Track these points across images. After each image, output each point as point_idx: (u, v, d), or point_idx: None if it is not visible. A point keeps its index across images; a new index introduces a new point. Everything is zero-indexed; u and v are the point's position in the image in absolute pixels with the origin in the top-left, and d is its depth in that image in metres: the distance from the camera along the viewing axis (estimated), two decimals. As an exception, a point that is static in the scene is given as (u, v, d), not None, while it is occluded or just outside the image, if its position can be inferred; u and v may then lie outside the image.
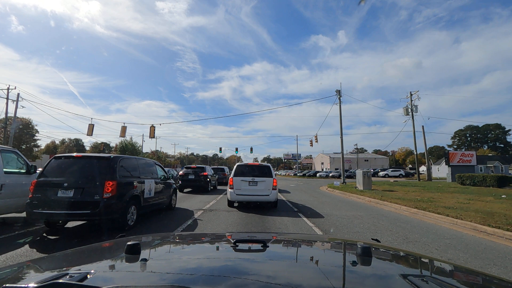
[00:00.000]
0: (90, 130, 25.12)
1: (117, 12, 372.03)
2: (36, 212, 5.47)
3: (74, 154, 6.40)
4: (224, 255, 1.39)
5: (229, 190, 9.74)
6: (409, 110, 32.29)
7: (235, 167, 10.29)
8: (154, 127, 25.55)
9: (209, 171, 17.56)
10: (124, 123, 25.48)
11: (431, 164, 51.52)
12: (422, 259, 1.47)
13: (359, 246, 1.19)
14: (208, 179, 16.53)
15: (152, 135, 25.28)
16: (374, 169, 61.96)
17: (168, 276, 0.99)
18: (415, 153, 31.60)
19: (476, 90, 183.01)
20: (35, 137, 59.05)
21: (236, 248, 1.36)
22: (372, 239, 1.85)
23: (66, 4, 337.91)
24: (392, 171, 56.70)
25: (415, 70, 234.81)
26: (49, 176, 5.85)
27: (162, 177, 8.76)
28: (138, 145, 56.56)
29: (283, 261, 1.28)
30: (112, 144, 65.70)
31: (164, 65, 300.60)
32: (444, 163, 59.49)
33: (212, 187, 17.62)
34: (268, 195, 9.51)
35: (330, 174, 54.28)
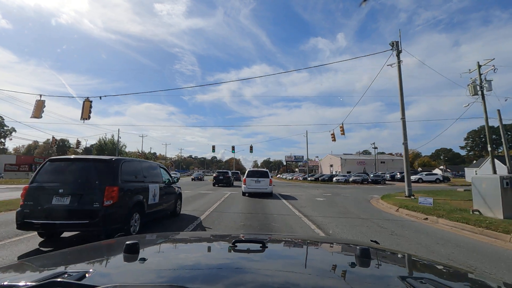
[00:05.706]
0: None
1: (115, 14, 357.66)
2: (27, 222, 4.90)
3: (72, 156, 5.84)
4: (223, 255, 1.36)
5: (243, 185, 16.42)
6: (478, 87, 22.33)
7: (247, 171, 17.53)
8: (90, 101, 15.53)
9: (230, 174, 28.84)
10: (40, 96, 15.43)
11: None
12: (421, 261, 1.41)
13: (358, 247, 1.16)
14: (230, 179, 27.47)
15: (86, 115, 15.30)
16: (391, 173, 52.02)
17: (166, 275, 0.97)
18: (489, 149, 21.77)
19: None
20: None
21: (235, 248, 1.32)
22: (371, 240, 1.75)
23: (63, 4, 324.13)
24: (426, 175, 43.08)
25: (417, 71, 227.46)
26: (42, 181, 5.26)
27: (167, 181, 8.09)
28: (121, 144, 53.37)
29: (282, 262, 1.25)
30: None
31: (163, 67, 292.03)
32: (481, 166, 49.29)
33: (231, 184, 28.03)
34: (266, 188, 16.06)
35: (351, 179, 40.76)
